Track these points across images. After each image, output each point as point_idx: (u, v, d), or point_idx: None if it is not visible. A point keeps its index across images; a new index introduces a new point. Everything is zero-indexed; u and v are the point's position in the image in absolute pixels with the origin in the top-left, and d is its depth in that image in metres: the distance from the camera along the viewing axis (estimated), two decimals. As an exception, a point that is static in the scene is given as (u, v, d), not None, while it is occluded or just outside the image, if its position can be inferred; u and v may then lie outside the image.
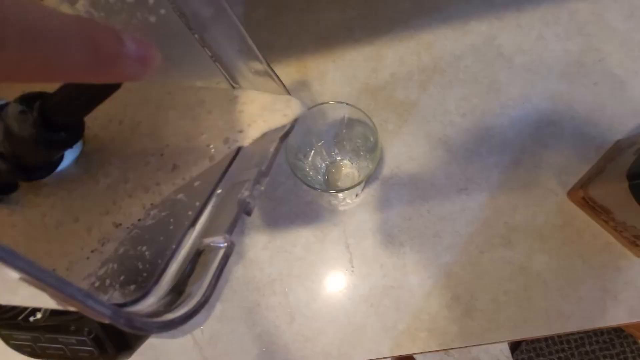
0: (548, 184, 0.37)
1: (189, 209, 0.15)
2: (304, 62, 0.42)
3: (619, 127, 0.37)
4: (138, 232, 0.15)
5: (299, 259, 0.38)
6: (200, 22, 0.17)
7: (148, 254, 0.11)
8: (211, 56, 0.19)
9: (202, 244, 0.13)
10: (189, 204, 0.15)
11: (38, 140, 0.12)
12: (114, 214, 0.16)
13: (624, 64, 0.39)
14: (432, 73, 0.41)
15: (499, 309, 0.35)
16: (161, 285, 0.12)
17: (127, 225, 0.15)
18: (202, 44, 0.18)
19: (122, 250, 0.14)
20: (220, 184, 0.16)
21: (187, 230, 0.14)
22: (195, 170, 0.17)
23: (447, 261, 0.36)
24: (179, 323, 0.10)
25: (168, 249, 0.13)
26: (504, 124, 0.39)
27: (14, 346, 0.32)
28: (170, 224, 0.15)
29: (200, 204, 0.15)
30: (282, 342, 0.36)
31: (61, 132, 0.13)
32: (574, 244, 0.35)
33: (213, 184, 0.16)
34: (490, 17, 0.42)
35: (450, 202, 0.37)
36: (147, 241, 0.13)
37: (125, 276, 0.13)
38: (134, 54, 0.10)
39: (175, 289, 0.12)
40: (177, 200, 0.16)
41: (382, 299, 0.36)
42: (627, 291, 0.34)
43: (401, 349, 0.35)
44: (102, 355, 0.30)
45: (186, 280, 0.12)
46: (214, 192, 0.16)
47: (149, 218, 0.15)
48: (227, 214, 0.14)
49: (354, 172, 0.39)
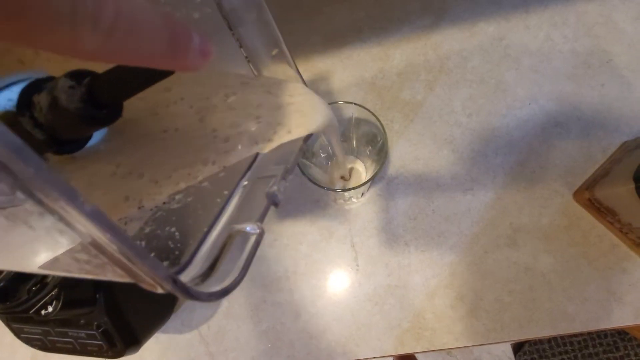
0: (554, 185, 0.37)
1: (217, 197, 0.16)
2: (312, 61, 0.43)
3: (625, 128, 0.37)
4: (163, 214, 0.16)
5: (305, 256, 0.38)
6: (238, 17, 0.19)
7: (178, 235, 0.12)
8: (246, 56, 0.20)
9: (234, 229, 0.15)
10: (216, 192, 0.17)
11: (83, 115, 0.13)
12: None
13: (631, 66, 0.39)
14: (439, 73, 0.41)
15: (503, 309, 0.35)
16: (195, 264, 0.13)
17: (150, 207, 0.16)
18: (240, 43, 0.20)
19: (148, 230, 0.15)
20: (245, 177, 0.18)
21: (218, 216, 0.15)
22: (227, 162, 0.18)
23: (452, 261, 0.36)
24: (220, 295, 0.12)
25: (199, 232, 0.14)
26: (510, 124, 0.39)
27: (24, 339, 0.32)
28: (199, 209, 0.16)
29: (228, 193, 0.16)
30: (288, 339, 0.36)
31: (104, 109, 0.14)
32: (579, 245, 0.35)
33: (238, 176, 0.17)
34: (498, 18, 0.42)
35: (456, 202, 0.37)
36: (175, 223, 0.15)
37: (155, 253, 0.14)
38: (198, 47, 0.11)
39: (209, 268, 0.13)
40: (202, 188, 0.17)
41: (386, 297, 0.36)
42: (633, 293, 0.34)
43: (405, 348, 0.35)
44: (110, 349, 0.31)
45: (218, 261, 0.13)
46: (240, 184, 0.17)
47: (174, 202, 0.16)
48: (255, 205, 0.16)
49: (360, 172, 0.39)
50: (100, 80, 0.13)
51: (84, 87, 0.13)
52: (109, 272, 0.11)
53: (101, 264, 0.11)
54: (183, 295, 0.11)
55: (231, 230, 0.15)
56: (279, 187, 0.17)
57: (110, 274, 0.11)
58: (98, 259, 0.11)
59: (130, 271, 0.10)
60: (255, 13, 0.18)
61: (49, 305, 0.26)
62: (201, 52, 0.12)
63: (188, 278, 0.13)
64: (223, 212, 0.16)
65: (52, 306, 0.26)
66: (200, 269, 0.13)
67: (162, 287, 0.11)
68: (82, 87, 0.13)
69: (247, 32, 0.20)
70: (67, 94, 0.13)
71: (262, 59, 0.21)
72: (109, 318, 0.30)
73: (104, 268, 0.11)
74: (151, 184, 0.17)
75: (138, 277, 0.11)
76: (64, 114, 0.13)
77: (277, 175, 0.17)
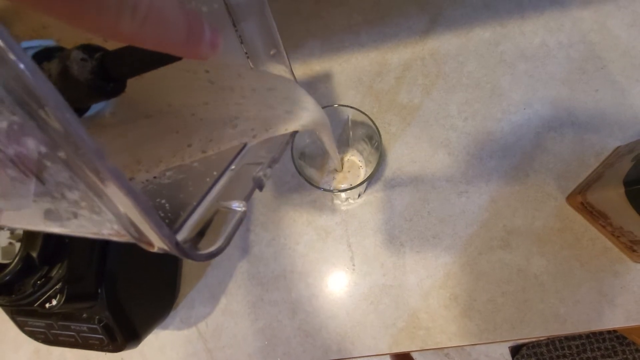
0: (547, 189, 0.37)
1: (207, 177, 0.18)
2: (310, 64, 0.44)
3: (619, 133, 0.38)
4: (154, 187, 0.17)
5: (302, 256, 0.39)
6: (242, 13, 0.20)
7: (168, 206, 0.14)
8: (245, 52, 0.22)
9: (222, 205, 0.17)
10: (206, 172, 0.19)
11: (91, 86, 0.14)
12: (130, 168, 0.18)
13: (625, 72, 0.39)
14: (436, 78, 0.42)
15: (496, 309, 0.35)
16: (183, 230, 0.15)
17: (142, 180, 0.18)
18: (242, 39, 0.21)
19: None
20: (234, 162, 0.20)
21: (207, 192, 0.17)
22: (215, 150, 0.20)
23: (446, 262, 0.37)
24: (208, 257, 0.14)
25: (189, 205, 0.16)
26: (505, 128, 0.39)
27: (28, 333, 0.33)
28: (190, 186, 0.18)
29: (217, 174, 0.18)
30: (284, 336, 0.37)
31: (111, 83, 0.15)
32: (572, 248, 0.36)
33: (227, 160, 0.19)
34: (494, 24, 0.42)
35: (451, 204, 0.38)
36: (166, 196, 0.16)
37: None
38: (209, 39, 0.13)
39: (199, 234, 0.15)
40: (192, 167, 0.19)
41: (381, 297, 0.37)
42: (624, 295, 0.34)
43: (399, 347, 0.36)
44: (111, 343, 0.32)
45: (206, 230, 0.15)
46: (228, 168, 0.19)
47: (164, 177, 0.18)
48: (242, 187, 0.18)
49: (357, 163, 0.40)
50: (113, 57, 0.15)
51: (95, 60, 0.14)
52: (106, 229, 0.12)
53: (100, 220, 0.12)
54: (178, 252, 0.12)
55: (219, 205, 0.16)
56: (265, 172, 0.18)
57: (107, 231, 0.12)
58: (100, 215, 0.11)
59: (134, 227, 0.11)
60: (257, 10, 0.20)
61: (53, 299, 0.27)
62: (211, 44, 0.13)
63: (180, 239, 0.14)
64: (212, 190, 0.17)
65: (56, 300, 0.27)
66: (188, 236, 0.15)
67: (166, 245, 0.12)
68: (94, 61, 0.14)
69: (249, 29, 0.21)
70: (79, 65, 0.14)
71: (261, 56, 0.23)
72: (110, 312, 0.30)
73: (102, 225, 0.12)
74: (134, 163, 0.18)
75: (140, 234, 0.12)
76: (73, 83, 0.14)
77: (264, 163, 0.19)
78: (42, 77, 0.09)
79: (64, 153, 0.10)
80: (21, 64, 0.08)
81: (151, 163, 0.17)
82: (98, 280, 0.30)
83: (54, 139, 0.10)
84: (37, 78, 0.09)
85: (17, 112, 0.09)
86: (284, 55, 0.22)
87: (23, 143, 0.10)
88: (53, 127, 0.09)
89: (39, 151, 0.10)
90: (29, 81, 0.09)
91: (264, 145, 0.21)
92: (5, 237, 0.28)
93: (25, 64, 0.08)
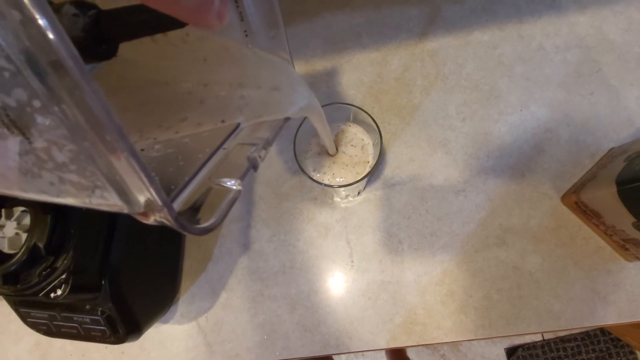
0: (543, 188, 0.38)
1: (199, 153, 0.18)
2: (312, 65, 0.44)
3: (613, 135, 0.39)
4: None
5: (301, 252, 0.39)
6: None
7: (158, 180, 0.13)
8: (244, 31, 0.21)
9: (217, 182, 0.17)
10: (198, 149, 0.18)
11: (82, 45, 0.13)
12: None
13: (620, 75, 0.40)
14: (435, 79, 0.43)
15: (491, 306, 0.36)
16: (176, 204, 0.15)
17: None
18: (242, 16, 0.21)
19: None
20: (227, 142, 0.19)
21: (199, 169, 0.17)
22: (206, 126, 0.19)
23: (443, 259, 0.38)
24: (203, 231, 0.14)
25: (181, 180, 0.16)
26: (502, 129, 0.40)
27: (30, 324, 0.33)
28: (180, 161, 0.17)
29: (210, 151, 0.18)
30: (283, 331, 0.38)
31: (103, 45, 0.14)
32: (566, 247, 0.37)
33: (220, 139, 0.19)
34: (493, 28, 0.43)
35: (448, 203, 0.39)
36: (155, 169, 0.16)
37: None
38: (217, 9, 0.14)
39: (194, 210, 0.15)
40: (183, 143, 0.18)
41: (379, 293, 0.38)
42: (616, 293, 0.35)
43: (397, 342, 0.36)
44: (113, 335, 0.32)
45: (200, 206, 0.16)
46: (221, 147, 0.19)
47: (152, 150, 0.17)
48: (236, 166, 0.18)
49: (357, 134, 0.39)
50: (109, 16, 0.14)
51: (89, 18, 0.13)
52: (96, 197, 0.11)
53: (89, 186, 0.11)
54: (175, 223, 0.12)
55: (214, 182, 0.17)
56: (259, 154, 0.19)
57: (96, 199, 0.12)
58: (90, 180, 0.11)
59: (129, 195, 0.11)
60: None
61: (58, 289, 0.27)
62: (218, 14, 0.14)
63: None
64: (205, 166, 0.17)
65: (61, 289, 0.27)
66: (182, 209, 0.15)
67: (167, 217, 0.12)
68: (87, 18, 0.13)
69: (250, 7, 0.21)
70: (70, 21, 0.13)
71: (260, 37, 0.22)
72: (113, 304, 0.31)
73: (91, 191, 0.11)
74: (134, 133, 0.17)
75: (135, 202, 0.11)
76: None
77: (259, 144, 0.19)
78: (56, 25, 0.08)
79: (65, 107, 0.09)
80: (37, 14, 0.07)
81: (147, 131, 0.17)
82: (102, 272, 0.30)
83: (55, 91, 0.09)
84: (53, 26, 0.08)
85: (14, 58, 0.08)
86: (284, 38, 0.22)
87: (13, 93, 0.09)
88: (56, 78, 0.08)
89: (31, 105, 0.09)
90: (40, 30, 0.08)
91: (259, 128, 0.21)
92: (12, 228, 0.28)
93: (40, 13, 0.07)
